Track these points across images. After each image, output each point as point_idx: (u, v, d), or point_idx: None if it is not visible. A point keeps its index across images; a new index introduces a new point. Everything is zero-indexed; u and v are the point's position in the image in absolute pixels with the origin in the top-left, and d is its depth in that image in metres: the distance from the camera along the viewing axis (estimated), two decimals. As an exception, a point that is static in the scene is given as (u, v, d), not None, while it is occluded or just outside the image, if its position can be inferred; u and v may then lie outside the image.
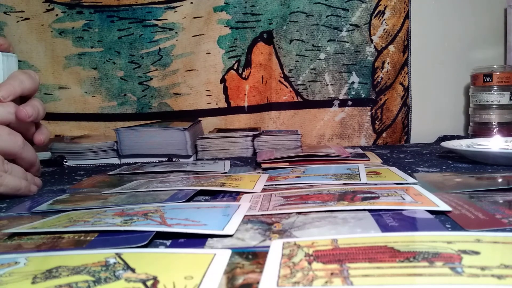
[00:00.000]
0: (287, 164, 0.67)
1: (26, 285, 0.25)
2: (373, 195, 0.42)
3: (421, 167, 0.64)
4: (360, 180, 0.51)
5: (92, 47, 0.99)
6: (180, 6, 0.99)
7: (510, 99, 0.95)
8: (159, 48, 1.00)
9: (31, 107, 0.52)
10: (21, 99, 0.54)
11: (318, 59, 1.01)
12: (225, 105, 1.01)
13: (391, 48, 1.01)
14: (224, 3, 0.99)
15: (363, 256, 0.26)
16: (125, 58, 1.00)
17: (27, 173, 0.54)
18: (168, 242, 0.33)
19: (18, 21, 0.98)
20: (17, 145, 0.51)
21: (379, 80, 1.01)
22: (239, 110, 1.02)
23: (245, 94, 1.01)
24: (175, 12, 0.99)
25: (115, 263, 0.27)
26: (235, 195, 0.48)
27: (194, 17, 1.00)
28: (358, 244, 0.28)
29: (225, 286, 0.24)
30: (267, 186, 0.52)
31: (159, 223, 0.36)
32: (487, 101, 0.96)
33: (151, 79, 1.01)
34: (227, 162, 0.73)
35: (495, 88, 0.96)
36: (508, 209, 0.37)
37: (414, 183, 0.49)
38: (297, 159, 0.68)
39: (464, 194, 0.43)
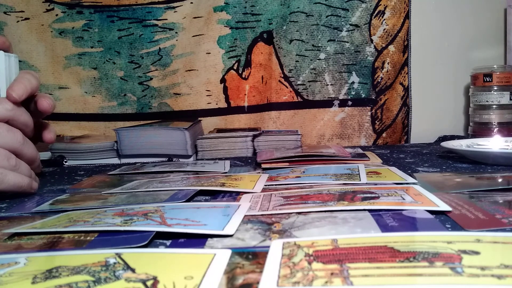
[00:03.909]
0: (287, 164, 0.67)
1: (26, 285, 0.25)
2: (373, 195, 0.42)
3: (421, 167, 0.64)
4: (360, 180, 0.51)
5: (92, 47, 0.99)
6: (180, 6, 0.99)
7: (510, 99, 0.95)
8: (159, 48, 1.00)
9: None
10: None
11: (318, 59, 1.01)
12: (225, 105, 1.01)
13: (391, 48, 1.01)
14: (224, 3, 0.99)
15: (363, 256, 0.26)
16: (125, 58, 1.00)
17: (31, 170, 0.54)
18: (168, 242, 0.33)
19: (18, 21, 0.98)
20: (17, 141, 0.51)
21: (379, 80, 1.01)
22: (239, 110, 1.02)
23: (245, 94, 1.01)
24: (175, 12, 0.99)
25: (115, 263, 0.27)
26: (235, 195, 0.48)
27: (194, 17, 1.00)
28: (358, 244, 0.28)
29: (225, 286, 0.24)
30: (267, 186, 0.52)
31: (159, 223, 0.36)
32: (487, 101, 0.96)
33: (151, 79, 1.01)
34: (227, 162, 0.73)
35: (495, 88, 0.96)
36: (508, 209, 0.37)
37: (414, 183, 0.49)
38: (297, 159, 0.68)
39: (464, 194, 0.43)
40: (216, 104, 1.01)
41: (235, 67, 1.00)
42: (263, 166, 0.66)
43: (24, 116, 0.53)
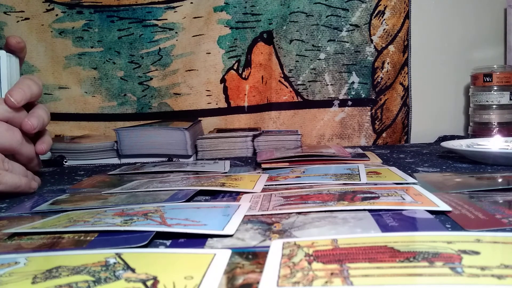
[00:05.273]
0: (287, 164, 0.67)
1: (26, 285, 0.25)
2: (373, 195, 0.42)
3: (421, 167, 0.64)
4: (360, 180, 0.51)
5: (92, 47, 0.99)
6: (180, 6, 0.99)
7: (510, 99, 0.95)
8: (159, 48, 1.00)
9: (36, 118, 0.53)
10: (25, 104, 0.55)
11: (318, 59, 1.01)
12: (225, 105, 1.01)
13: (391, 48, 1.01)
14: (224, 3, 0.99)
15: (363, 256, 0.26)
16: (125, 58, 1.00)
17: (27, 171, 0.54)
18: (168, 242, 0.33)
19: (18, 21, 0.98)
20: (16, 141, 0.52)
21: (379, 80, 1.01)
22: (239, 110, 1.02)
23: (245, 94, 1.01)
24: (175, 12, 0.99)
25: (115, 263, 0.27)
26: (235, 195, 0.48)
27: (194, 17, 1.00)
28: (358, 244, 0.28)
29: (225, 286, 0.24)
30: (267, 186, 0.52)
31: (159, 223, 0.36)
32: (487, 101, 0.96)
33: (151, 79, 1.01)
34: (227, 162, 0.73)
35: (495, 88, 0.96)
36: (508, 209, 0.37)
37: (414, 183, 0.49)
38: (297, 159, 0.68)
39: (464, 194, 0.43)
40: (216, 104, 1.01)
41: (235, 67, 1.00)
42: (263, 166, 0.66)
43: (23, 118, 0.53)
